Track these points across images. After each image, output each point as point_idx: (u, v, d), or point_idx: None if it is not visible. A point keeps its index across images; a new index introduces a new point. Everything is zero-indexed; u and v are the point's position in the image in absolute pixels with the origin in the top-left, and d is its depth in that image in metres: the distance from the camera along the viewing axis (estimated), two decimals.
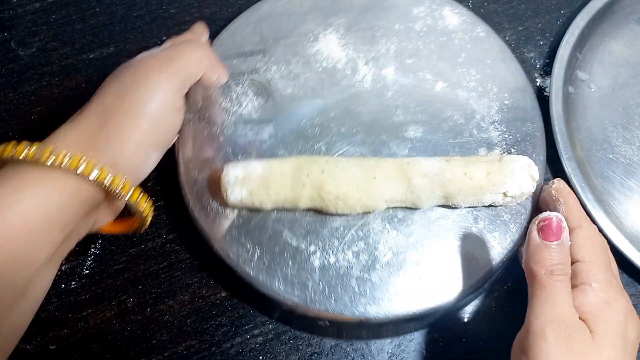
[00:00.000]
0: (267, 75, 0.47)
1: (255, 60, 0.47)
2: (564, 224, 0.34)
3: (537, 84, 0.53)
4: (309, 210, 0.42)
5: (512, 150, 0.45)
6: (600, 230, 0.43)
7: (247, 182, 0.40)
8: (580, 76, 0.52)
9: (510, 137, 0.45)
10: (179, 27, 0.55)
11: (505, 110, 0.46)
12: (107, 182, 0.33)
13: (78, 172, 0.32)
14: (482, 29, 0.50)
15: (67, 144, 0.34)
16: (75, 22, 0.55)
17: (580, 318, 0.32)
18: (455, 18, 0.50)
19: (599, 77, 0.52)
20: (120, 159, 0.35)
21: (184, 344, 0.42)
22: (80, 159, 0.32)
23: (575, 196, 0.41)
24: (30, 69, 0.52)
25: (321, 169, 0.40)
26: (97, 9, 0.56)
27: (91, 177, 0.32)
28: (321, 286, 0.39)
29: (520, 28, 0.56)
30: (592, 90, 0.51)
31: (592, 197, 0.44)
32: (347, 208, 0.40)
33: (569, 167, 0.45)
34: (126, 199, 0.35)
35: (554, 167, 0.48)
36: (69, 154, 0.32)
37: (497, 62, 0.48)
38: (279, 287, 0.39)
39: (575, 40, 0.51)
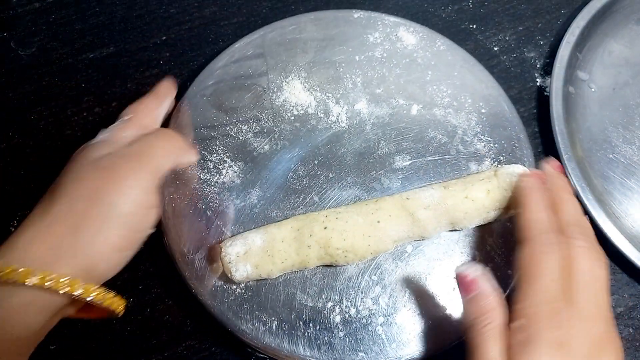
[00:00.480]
0: (239, 136, 0.45)
1: (224, 124, 0.45)
2: (475, 274, 0.34)
3: (537, 84, 0.53)
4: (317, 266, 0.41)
5: (501, 158, 0.45)
6: (600, 230, 0.43)
7: (249, 257, 0.38)
8: (580, 76, 0.52)
9: (496, 145, 0.45)
10: (179, 27, 0.55)
11: (484, 119, 0.46)
12: (77, 293, 0.32)
13: (46, 286, 0.31)
14: (441, 42, 0.49)
15: (34, 254, 0.32)
16: (75, 22, 0.55)
17: None
18: (412, 37, 0.50)
19: (599, 77, 0.52)
20: (96, 261, 0.34)
21: (184, 344, 0.42)
22: (47, 275, 0.31)
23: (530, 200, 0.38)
24: (30, 69, 0.52)
25: (323, 226, 0.39)
26: (97, 9, 0.56)
27: (60, 292, 0.31)
28: (347, 341, 0.38)
29: (521, 28, 0.56)
30: (592, 90, 0.51)
31: (592, 197, 0.44)
32: (357, 258, 0.40)
33: (569, 167, 0.45)
34: (97, 302, 0.34)
35: None
36: (38, 274, 0.31)
37: (464, 73, 0.48)
38: (304, 353, 0.38)
39: (575, 40, 0.51)
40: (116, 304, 0.35)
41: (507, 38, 0.55)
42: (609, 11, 0.54)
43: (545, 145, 0.50)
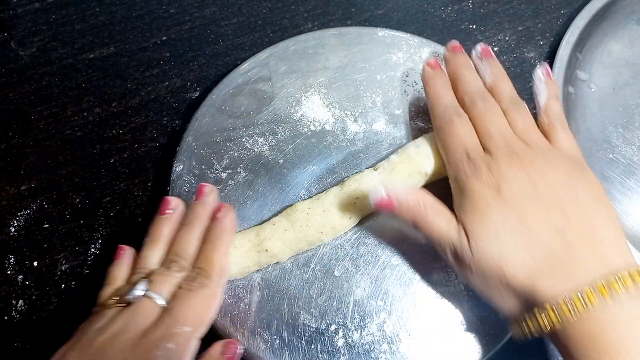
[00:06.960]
0: (255, 148, 0.45)
1: (240, 135, 0.45)
2: (381, 194, 0.35)
3: None
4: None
5: None
6: None
7: None
8: (580, 76, 0.52)
9: None
10: (179, 27, 0.55)
11: None
12: None
13: None
14: None
15: None
16: (75, 22, 0.55)
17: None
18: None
19: (599, 77, 0.52)
20: None
21: None
22: None
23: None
24: (30, 69, 0.52)
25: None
26: (97, 9, 0.56)
27: None
28: None
29: (520, 28, 0.56)
30: (592, 90, 0.51)
31: None
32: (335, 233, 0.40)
33: None
34: None
35: None
36: None
37: None
38: None
39: (575, 40, 0.51)
40: None
41: (507, 38, 0.55)
42: (609, 11, 0.54)
43: None
